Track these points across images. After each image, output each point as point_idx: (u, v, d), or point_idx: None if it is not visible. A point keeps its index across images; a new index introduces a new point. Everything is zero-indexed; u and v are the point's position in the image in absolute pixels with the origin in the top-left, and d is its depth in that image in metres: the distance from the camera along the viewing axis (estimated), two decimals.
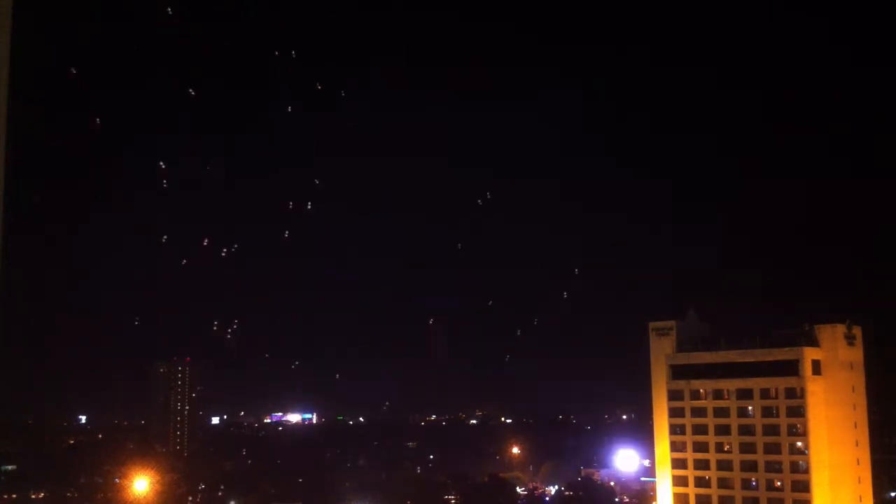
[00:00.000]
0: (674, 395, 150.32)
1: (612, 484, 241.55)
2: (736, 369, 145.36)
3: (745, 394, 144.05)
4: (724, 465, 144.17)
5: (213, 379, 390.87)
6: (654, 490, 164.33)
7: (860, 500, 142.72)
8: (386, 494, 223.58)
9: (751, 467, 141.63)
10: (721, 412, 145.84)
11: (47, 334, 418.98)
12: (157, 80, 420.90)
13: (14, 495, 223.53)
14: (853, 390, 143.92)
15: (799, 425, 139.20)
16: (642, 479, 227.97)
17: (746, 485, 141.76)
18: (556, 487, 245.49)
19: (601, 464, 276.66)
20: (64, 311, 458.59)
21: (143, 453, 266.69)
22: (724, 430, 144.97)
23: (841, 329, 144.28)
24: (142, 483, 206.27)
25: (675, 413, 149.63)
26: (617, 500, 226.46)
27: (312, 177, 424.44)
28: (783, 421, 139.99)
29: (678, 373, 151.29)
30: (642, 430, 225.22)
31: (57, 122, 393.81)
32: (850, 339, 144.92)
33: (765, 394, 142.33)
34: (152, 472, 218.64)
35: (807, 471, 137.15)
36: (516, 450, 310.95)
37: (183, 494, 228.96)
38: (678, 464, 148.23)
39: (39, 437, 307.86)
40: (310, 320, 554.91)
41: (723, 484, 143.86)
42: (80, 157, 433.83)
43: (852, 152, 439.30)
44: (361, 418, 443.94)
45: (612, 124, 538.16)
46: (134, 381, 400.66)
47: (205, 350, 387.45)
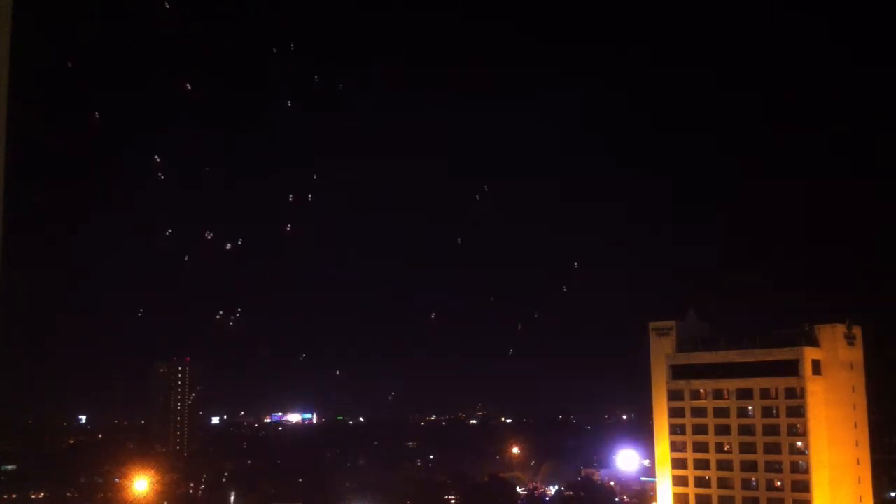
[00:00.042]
0: (674, 395, 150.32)
1: (612, 484, 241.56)
2: (736, 369, 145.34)
3: (745, 394, 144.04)
4: (724, 465, 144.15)
5: (213, 379, 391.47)
6: (654, 490, 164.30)
7: (860, 500, 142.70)
8: (386, 494, 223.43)
9: (751, 467, 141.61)
10: (721, 412, 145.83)
11: (47, 334, 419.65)
12: (157, 80, 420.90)
13: (14, 495, 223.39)
14: (853, 390, 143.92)
15: (799, 425, 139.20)
16: (642, 479, 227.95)
17: (746, 485, 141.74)
18: (556, 487, 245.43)
19: (601, 464, 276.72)
20: (64, 311, 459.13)
21: (143, 453, 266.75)
22: (724, 430, 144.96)
23: (841, 329, 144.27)
24: (142, 483, 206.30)
25: (675, 413, 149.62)
26: (617, 500, 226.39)
27: (313, 177, 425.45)
28: (783, 421, 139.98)
29: (678, 373, 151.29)
30: (642, 430, 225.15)
31: (57, 122, 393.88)
32: (850, 339, 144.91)
33: (765, 394, 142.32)
34: (152, 472, 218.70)
35: (807, 471, 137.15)
36: (516, 450, 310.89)
37: (183, 494, 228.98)
38: (678, 464, 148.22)
39: (39, 437, 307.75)
40: (310, 320, 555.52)
41: (723, 484, 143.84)
42: (80, 157, 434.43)
43: (852, 152, 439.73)
44: (361, 418, 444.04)
45: (612, 124, 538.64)
46: (134, 381, 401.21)
47: (205, 350, 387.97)
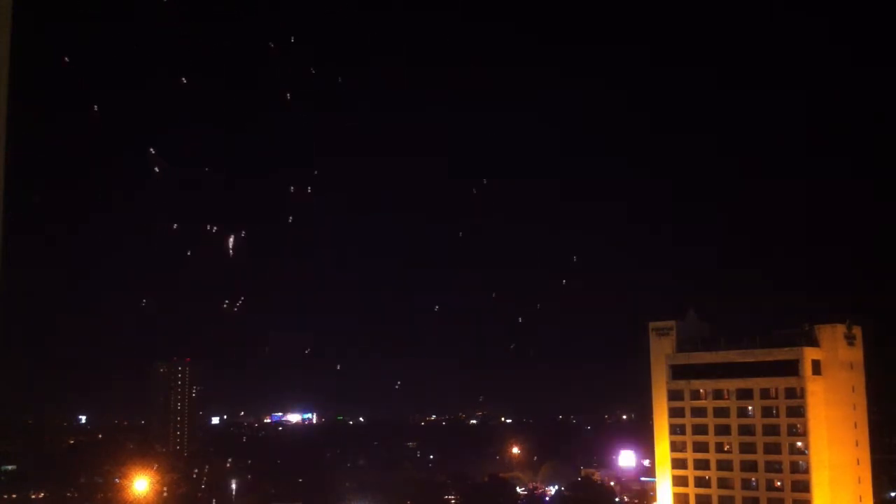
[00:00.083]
0: (674, 395, 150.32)
1: (612, 484, 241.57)
2: (736, 369, 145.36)
3: (745, 394, 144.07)
4: (724, 465, 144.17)
5: (213, 379, 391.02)
6: (654, 490, 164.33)
7: (860, 500, 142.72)
8: (386, 494, 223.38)
9: (751, 467, 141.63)
10: (721, 412, 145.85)
11: (47, 334, 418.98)
12: (157, 80, 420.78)
13: (14, 495, 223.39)
14: (853, 390, 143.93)
15: (799, 425, 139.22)
16: (642, 479, 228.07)
17: (746, 485, 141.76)
18: (556, 487, 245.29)
19: (601, 464, 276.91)
20: (64, 311, 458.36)
21: (143, 453, 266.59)
22: (724, 430, 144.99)
23: (841, 329, 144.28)
24: (142, 483, 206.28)
25: (675, 413, 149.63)
26: (617, 500, 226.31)
27: (313, 177, 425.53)
28: (783, 421, 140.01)
29: (678, 373, 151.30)
30: (642, 430, 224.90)
31: (57, 122, 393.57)
32: (850, 339, 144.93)
33: (765, 394, 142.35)
34: (152, 472, 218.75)
35: (807, 471, 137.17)
36: (516, 450, 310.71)
37: (183, 494, 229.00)
38: (678, 464, 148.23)
39: (39, 437, 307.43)
40: (310, 320, 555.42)
41: (723, 484, 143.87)
42: (80, 157, 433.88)
43: (852, 152, 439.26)
44: (361, 418, 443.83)
45: (612, 124, 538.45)
46: (134, 381, 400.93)
47: (205, 350, 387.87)
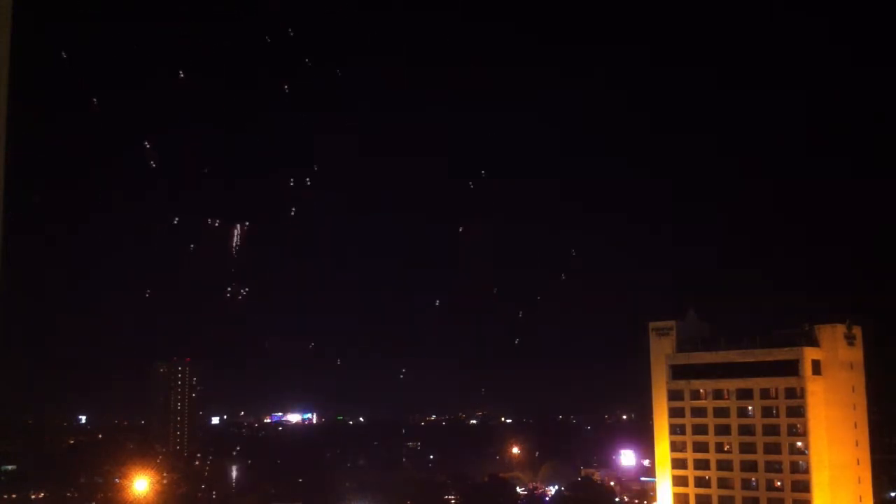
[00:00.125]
0: (674, 395, 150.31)
1: (612, 484, 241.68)
2: (736, 369, 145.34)
3: (745, 394, 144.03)
4: (724, 465, 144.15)
5: (213, 379, 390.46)
6: (654, 490, 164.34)
7: (860, 500, 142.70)
8: (386, 494, 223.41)
9: (751, 467, 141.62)
10: (721, 412, 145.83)
11: (47, 334, 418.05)
12: (157, 80, 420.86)
13: (14, 495, 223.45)
14: (853, 390, 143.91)
15: (799, 425, 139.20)
16: (642, 479, 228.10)
17: (746, 485, 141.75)
18: (556, 487, 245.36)
19: (601, 464, 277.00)
20: (64, 311, 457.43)
21: (143, 453, 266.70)
22: (724, 430, 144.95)
23: (841, 329, 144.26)
24: (142, 483, 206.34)
25: (675, 413, 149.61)
26: (617, 500, 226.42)
27: (312, 176, 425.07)
28: (783, 421, 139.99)
29: (678, 373, 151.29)
30: (642, 430, 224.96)
31: (57, 122, 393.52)
32: (850, 339, 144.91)
33: (765, 394, 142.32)
34: (152, 472, 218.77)
35: (807, 471, 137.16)
36: (516, 450, 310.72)
37: (183, 494, 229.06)
38: (678, 464, 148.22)
39: (39, 437, 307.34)
40: (310, 320, 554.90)
41: (723, 484, 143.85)
42: (80, 157, 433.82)
43: (852, 152, 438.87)
44: (361, 418, 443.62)
45: (612, 124, 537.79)
46: (134, 381, 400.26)
47: (205, 350, 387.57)
